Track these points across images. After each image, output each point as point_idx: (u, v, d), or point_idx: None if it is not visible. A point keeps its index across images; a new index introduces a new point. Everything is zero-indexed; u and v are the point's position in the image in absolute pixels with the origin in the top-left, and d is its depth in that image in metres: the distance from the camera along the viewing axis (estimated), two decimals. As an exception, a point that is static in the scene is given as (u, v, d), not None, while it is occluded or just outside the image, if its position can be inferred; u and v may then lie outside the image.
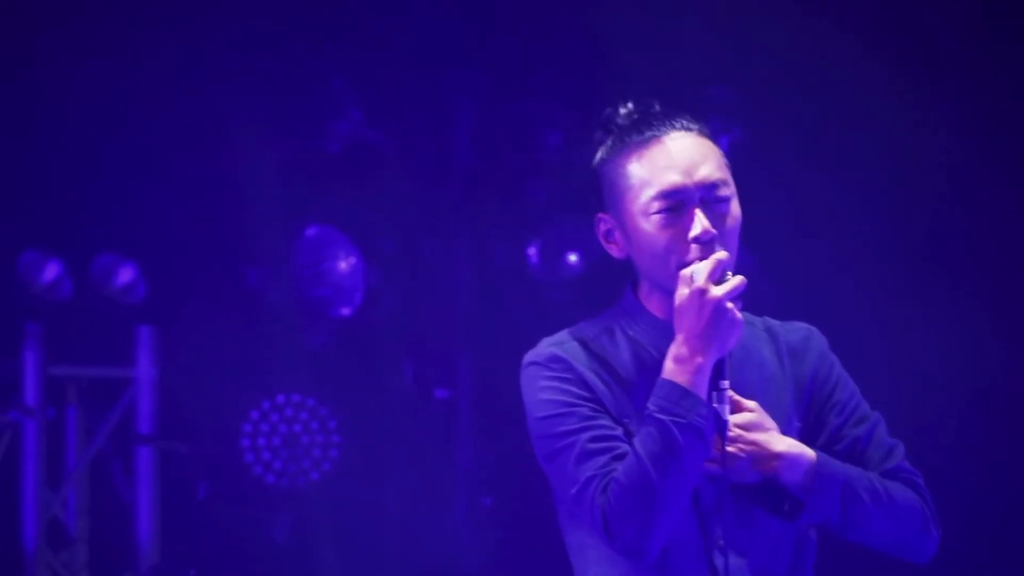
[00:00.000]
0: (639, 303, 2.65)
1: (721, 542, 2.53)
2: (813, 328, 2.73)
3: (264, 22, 6.72)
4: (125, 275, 6.56)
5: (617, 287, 6.64)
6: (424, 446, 6.89)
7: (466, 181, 7.11)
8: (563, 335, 2.64)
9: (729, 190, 2.57)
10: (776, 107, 6.79)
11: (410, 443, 6.85)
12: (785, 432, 2.56)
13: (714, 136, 2.67)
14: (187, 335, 6.69)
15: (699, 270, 2.45)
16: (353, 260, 6.96)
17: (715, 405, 2.48)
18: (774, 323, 2.70)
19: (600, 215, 2.63)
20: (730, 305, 2.45)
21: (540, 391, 2.57)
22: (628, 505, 2.42)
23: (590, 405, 2.54)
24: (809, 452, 2.54)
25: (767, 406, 2.58)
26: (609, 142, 2.61)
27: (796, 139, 6.72)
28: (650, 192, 2.53)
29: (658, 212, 2.53)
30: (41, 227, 6.47)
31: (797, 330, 2.71)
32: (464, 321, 7.09)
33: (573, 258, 7.09)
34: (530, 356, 2.63)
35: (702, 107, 6.91)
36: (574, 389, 2.54)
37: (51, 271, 6.42)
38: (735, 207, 2.58)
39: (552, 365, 2.58)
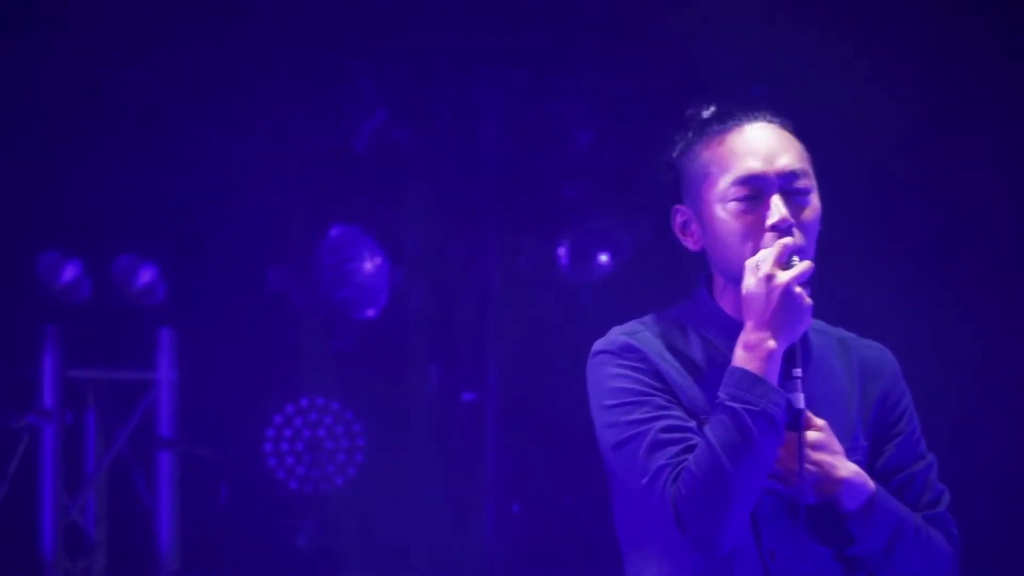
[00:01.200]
0: (712, 300, 2.63)
1: (772, 554, 2.52)
2: (888, 350, 2.70)
3: (288, 19, 6.64)
4: (145, 276, 6.48)
5: (650, 287, 6.75)
6: (451, 451, 6.82)
7: (494, 180, 7.03)
8: (634, 325, 2.62)
9: (809, 182, 2.56)
10: (815, 107, 6.67)
11: (436, 448, 6.78)
12: (851, 448, 2.54)
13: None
14: (209, 337, 6.63)
15: (765, 256, 2.45)
16: (378, 261, 6.90)
17: (787, 394, 2.46)
18: (849, 335, 2.68)
19: (677, 206, 2.62)
20: (799, 290, 2.44)
21: (611, 379, 2.54)
22: (701, 494, 2.40)
23: (663, 396, 2.52)
24: (870, 483, 2.52)
25: (835, 419, 2.56)
26: (689, 135, 2.62)
27: (835, 139, 6.61)
28: (729, 179, 2.53)
29: (736, 199, 2.52)
30: (60, 228, 6.40)
31: (872, 348, 2.68)
32: (492, 323, 7.01)
33: (604, 258, 7.03)
34: (601, 344, 2.60)
35: (740, 106, 6.88)
36: (647, 379, 2.52)
37: (70, 272, 6.35)
38: (815, 200, 2.56)
39: (626, 354, 2.55)
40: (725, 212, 2.52)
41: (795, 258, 2.45)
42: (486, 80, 6.97)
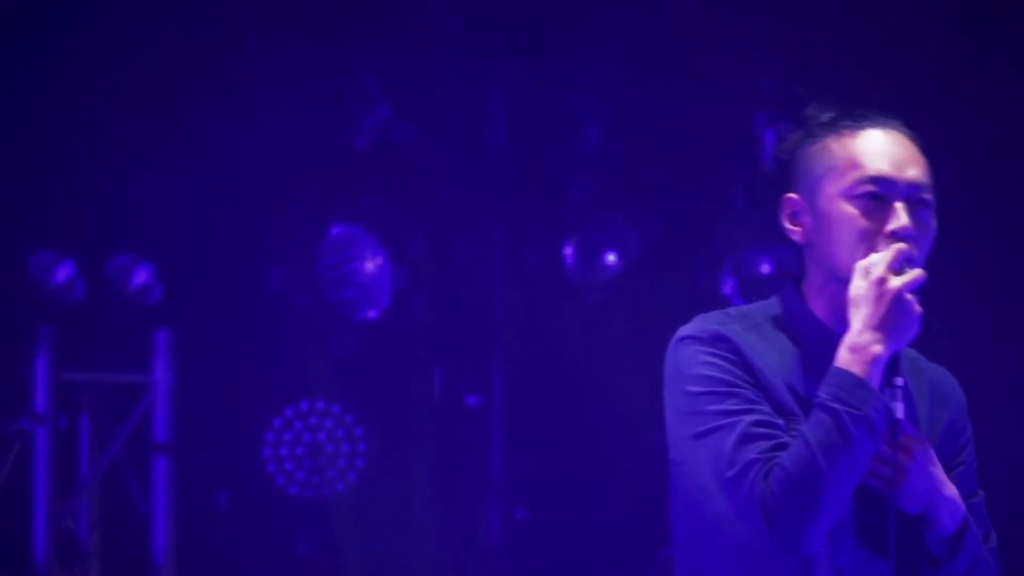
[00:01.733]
0: (803, 301, 2.60)
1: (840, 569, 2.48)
2: (955, 378, 2.70)
3: (290, 14, 6.57)
4: (141, 276, 6.39)
5: (658, 288, 6.66)
6: (455, 456, 6.72)
7: (499, 178, 6.92)
8: (721, 316, 2.60)
9: (932, 199, 2.56)
10: (823, 100, 6.61)
11: (440, 453, 6.68)
12: None
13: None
14: (206, 339, 6.51)
15: (879, 260, 2.44)
16: (380, 261, 6.81)
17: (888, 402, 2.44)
18: (919, 356, 2.65)
19: (789, 195, 2.58)
20: (910, 297, 2.42)
21: (700, 366, 2.51)
22: (793, 493, 2.36)
23: (753, 390, 2.48)
24: (964, 507, 2.52)
25: None
26: (816, 125, 2.59)
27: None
28: (858, 175, 2.51)
29: (862, 196, 2.51)
30: (52, 226, 6.31)
31: (942, 373, 2.67)
32: (496, 324, 6.88)
33: (611, 258, 6.92)
34: (688, 330, 2.57)
35: (751, 100, 6.82)
36: (737, 371, 2.49)
37: (63, 272, 6.25)
38: (933, 219, 2.56)
39: (717, 343, 2.52)
40: (847, 207, 2.50)
41: (907, 265, 2.46)
42: (492, 73, 6.89)
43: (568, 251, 6.95)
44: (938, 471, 2.47)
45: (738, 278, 6.89)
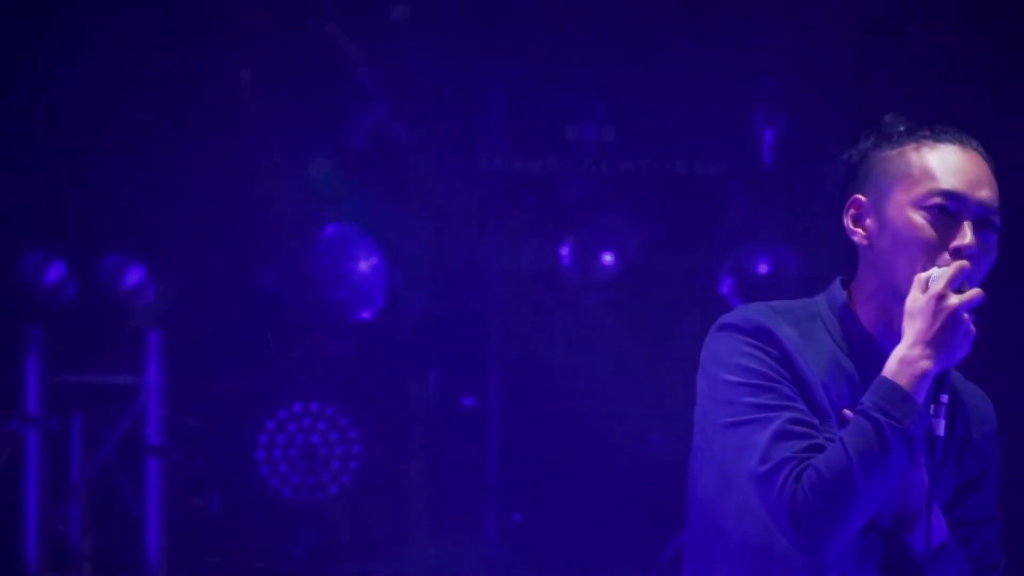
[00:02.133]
0: (850, 306, 2.59)
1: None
2: (991, 403, 2.70)
3: (283, 12, 6.54)
4: (133, 277, 6.35)
5: (651, 290, 6.62)
6: (450, 458, 6.66)
7: (496, 177, 6.89)
8: (765, 308, 2.57)
9: (999, 223, 2.56)
10: (823, 98, 6.58)
11: (435, 455, 6.62)
12: (940, 487, 2.51)
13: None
14: (199, 340, 6.46)
15: (939, 275, 2.43)
16: (375, 261, 6.77)
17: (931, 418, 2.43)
18: (958, 374, 2.60)
19: (856, 196, 2.58)
20: (967, 316, 2.41)
21: (740, 356, 2.49)
22: (825, 498, 2.34)
23: (791, 387, 2.47)
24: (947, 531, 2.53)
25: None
26: (892, 133, 2.60)
27: (843, 132, 6.52)
28: (932, 186, 2.52)
29: (932, 208, 2.51)
30: (43, 227, 6.26)
31: (975, 392, 2.66)
32: (492, 325, 6.85)
33: (608, 259, 6.89)
34: (731, 319, 2.55)
35: (748, 98, 6.80)
36: (778, 366, 2.48)
37: (54, 273, 6.20)
38: (996, 243, 2.56)
39: (760, 335, 2.51)
40: (916, 216, 2.50)
41: (966, 284, 2.43)
42: (488, 71, 6.86)
43: (564, 251, 6.94)
44: (927, 490, 2.46)
45: (736, 278, 6.86)
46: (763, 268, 6.92)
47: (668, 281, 6.78)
